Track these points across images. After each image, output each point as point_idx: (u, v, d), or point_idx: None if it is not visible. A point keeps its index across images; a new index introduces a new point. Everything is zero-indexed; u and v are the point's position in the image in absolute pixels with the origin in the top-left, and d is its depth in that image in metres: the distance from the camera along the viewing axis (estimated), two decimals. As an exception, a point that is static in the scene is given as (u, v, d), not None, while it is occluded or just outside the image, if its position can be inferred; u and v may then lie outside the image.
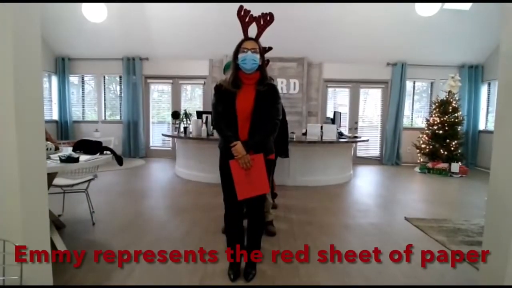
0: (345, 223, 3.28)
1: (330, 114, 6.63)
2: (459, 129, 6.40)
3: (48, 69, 7.15)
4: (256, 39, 2.14)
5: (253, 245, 2.19)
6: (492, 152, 1.74)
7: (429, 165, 6.28)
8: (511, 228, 1.56)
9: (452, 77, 6.42)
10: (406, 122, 7.37)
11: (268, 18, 2.67)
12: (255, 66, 2.00)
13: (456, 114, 6.33)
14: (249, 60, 1.98)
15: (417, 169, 6.54)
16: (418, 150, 6.69)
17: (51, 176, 2.41)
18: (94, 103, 7.71)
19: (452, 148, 6.23)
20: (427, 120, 6.69)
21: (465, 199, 4.59)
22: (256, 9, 2.80)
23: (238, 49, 2.02)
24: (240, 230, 2.20)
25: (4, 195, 1.38)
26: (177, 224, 3.12)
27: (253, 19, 2.70)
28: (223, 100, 2.03)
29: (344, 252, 2.55)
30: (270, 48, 3.04)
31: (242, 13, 2.64)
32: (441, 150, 6.26)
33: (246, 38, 2.14)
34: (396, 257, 2.49)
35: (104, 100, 7.70)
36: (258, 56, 2.00)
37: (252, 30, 2.66)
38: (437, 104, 6.49)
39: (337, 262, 2.40)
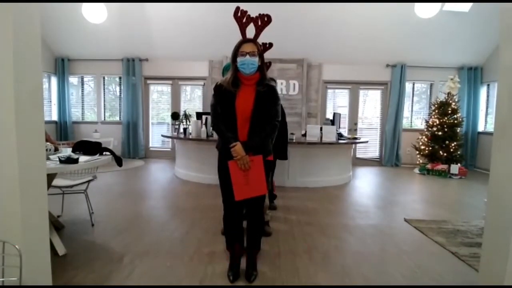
0: (344, 224, 3.28)
1: (329, 115, 6.65)
2: (458, 131, 6.40)
3: (47, 70, 7.15)
4: (254, 40, 2.14)
5: (253, 245, 2.19)
6: (492, 154, 1.75)
7: (429, 166, 6.28)
8: (510, 229, 1.56)
9: (452, 79, 6.42)
10: (405, 123, 7.38)
11: (265, 19, 2.68)
12: (254, 70, 2.01)
13: (455, 116, 6.33)
14: (248, 64, 1.98)
15: (416, 170, 6.55)
16: (417, 152, 6.69)
17: (50, 177, 2.41)
18: (93, 103, 7.70)
19: (452, 150, 6.23)
20: (427, 122, 6.70)
21: (464, 200, 4.59)
22: (256, 10, 2.81)
23: (237, 52, 2.02)
24: (239, 231, 2.21)
25: (4, 196, 1.38)
26: (177, 225, 3.12)
27: (251, 20, 2.70)
28: (223, 100, 2.03)
29: (344, 253, 2.56)
30: (270, 45, 3.04)
31: (239, 14, 2.64)
32: (441, 152, 6.26)
33: (245, 39, 2.14)
34: (396, 257, 2.50)
35: (104, 100, 7.70)
36: (256, 59, 2.00)
37: (250, 30, 2.67)
38: (436, 105, 6.50)
39: (337, 262, 2.40)
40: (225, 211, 2.17)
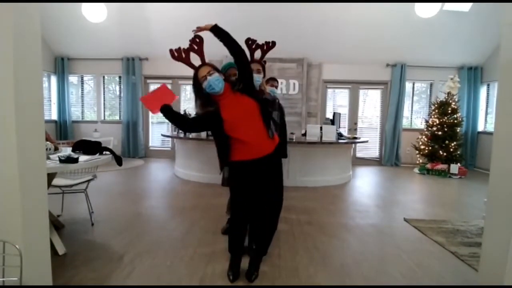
0: (344, 223, 3.28)
1: (329, 115, 6.64)
2: (458, 130, 6.40)
3: (47, 69, 7.14)
4: (204, 63, 2.17)
5: (261, 250, 2.22)
6: (492, 153, 1.75)
7: (428, 166, 6.28)
8: (510, 229, 1.56)
9: (451, 78, 6.42)
10: (405, 123, 7.38)
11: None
12: (222, 84, 2.03)
13: (455, 115, 6.33)
14: (214, 83, 2.00)
15: (416, 170, 6.55)
16: (417, 151, 6.69)
17: (50, 177, 2.41)
18: (93, 103, 7.70)
19: (451, 149, 6.23)
20: (427, 121, 6.70)
21: (464, 200, 4.59)
22: (256, 10, 2.81)
23: (197, 80, 2.06)
24: (243, 233, 2.22)
25: (4, 195, 1.38)
26: (177, 224, 3.12)
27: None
28: (210, 123, 2.07)
29: (344, 252, 2.56)
30: (273, 44, 3.05)
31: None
32: (440, 151, 6.27)
33: (196, 67, 2.13)
34: (395, 257, 2.50)
35: (104, 100, 7.69)
36: (217, 74, 2.03)
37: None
38: (436, 105, 6.50)
39: (337, 262, 2.40)
40: (234, 215, 2.17)
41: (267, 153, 2.05)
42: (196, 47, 2.24)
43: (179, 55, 2.23)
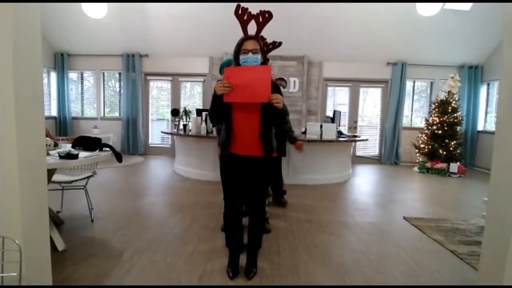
0: (344, 221, 3.29)
1: (329, 113, 6.64)
2: (458, 129, 6.41)
3: (47, 65, 7.12)
4: (256, 37, 2.13)
5: (254, 243, 2.20)
6: (493, 152, 1.74)
7: (428, 165, 6.29)
8: (510, 228, 1.56)
9: (452, 77, 6.42)
10: (405, 121, 7.38)
11: (266, 15, 2.68)
12: None
13: (455, 114, 6.33)
14: (251, 62, 1.96)
15: (416, 168, 6.55)
16: (417, 150, 6.70)
17: (50, 173, 2.41)
18: (93, 99, 7.68)
19: (451, 148, 6.24)
20: (427, 120, 6.70)
21: (463, 199, 4.60)
22: (256, 8, 2.80)
23: (239, 50, 2.00)
24: (239, 228, 2.21)
25: (4, 191, 1.38)
26: (176, 221, 3.12)
27: (252, 17, 2.69)
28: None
29: (344, 250, 2.56)
30: (279, 44, 3.04)
31: (240, 11, 2.64)
32: (440, 150, 6.27)
33: (246, 37, 2.12)
34: (395, 255, 2.50)
35: (104, 96, 7.68)
36: (259, 56, 1.98)
37: (252, 28, 2.67)
38: (436, 104, 6.50)
39: (336, 260, 2.40)
40: (225, 209, 2.17)
41: (257, 155, 2.02)
42: (261, 20, 2.18)
43: (242, 14, 2.16)
